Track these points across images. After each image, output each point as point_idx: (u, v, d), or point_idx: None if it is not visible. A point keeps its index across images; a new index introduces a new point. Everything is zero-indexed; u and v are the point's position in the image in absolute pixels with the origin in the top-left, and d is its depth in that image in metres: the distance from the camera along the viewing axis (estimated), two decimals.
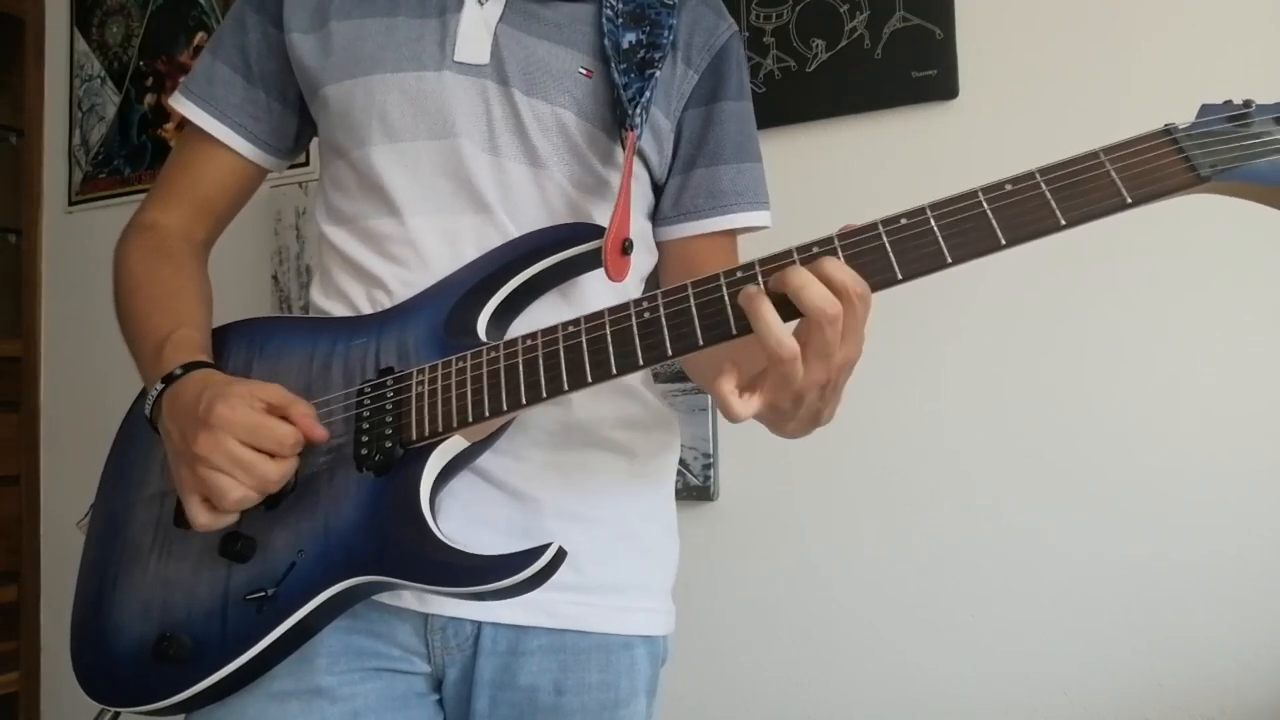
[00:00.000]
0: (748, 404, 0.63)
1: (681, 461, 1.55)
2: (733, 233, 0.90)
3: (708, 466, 1.55)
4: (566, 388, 0.68)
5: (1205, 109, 0.60)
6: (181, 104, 0.91)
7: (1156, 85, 1.33)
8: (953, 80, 1.43)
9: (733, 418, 0.63)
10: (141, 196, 0.96)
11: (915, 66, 1.45)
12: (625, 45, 0.83)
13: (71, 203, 2.22)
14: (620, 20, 0.84)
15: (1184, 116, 0.66)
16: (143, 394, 0.82)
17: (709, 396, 1.54)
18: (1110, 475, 1.33)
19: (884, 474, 1.46)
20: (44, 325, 2.26)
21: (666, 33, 0.84)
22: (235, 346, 0.85)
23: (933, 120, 1.45)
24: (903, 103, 1.46)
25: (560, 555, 0.66)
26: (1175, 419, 1.31)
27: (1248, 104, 0.59)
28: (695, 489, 1.56)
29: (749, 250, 0.93)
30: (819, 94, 1.51)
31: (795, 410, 0.64)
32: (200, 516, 0.70)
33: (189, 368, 0.76)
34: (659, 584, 0.89)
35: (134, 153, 2.14)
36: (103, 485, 0.85)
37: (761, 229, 0.91)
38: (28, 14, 2.29)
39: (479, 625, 0.80)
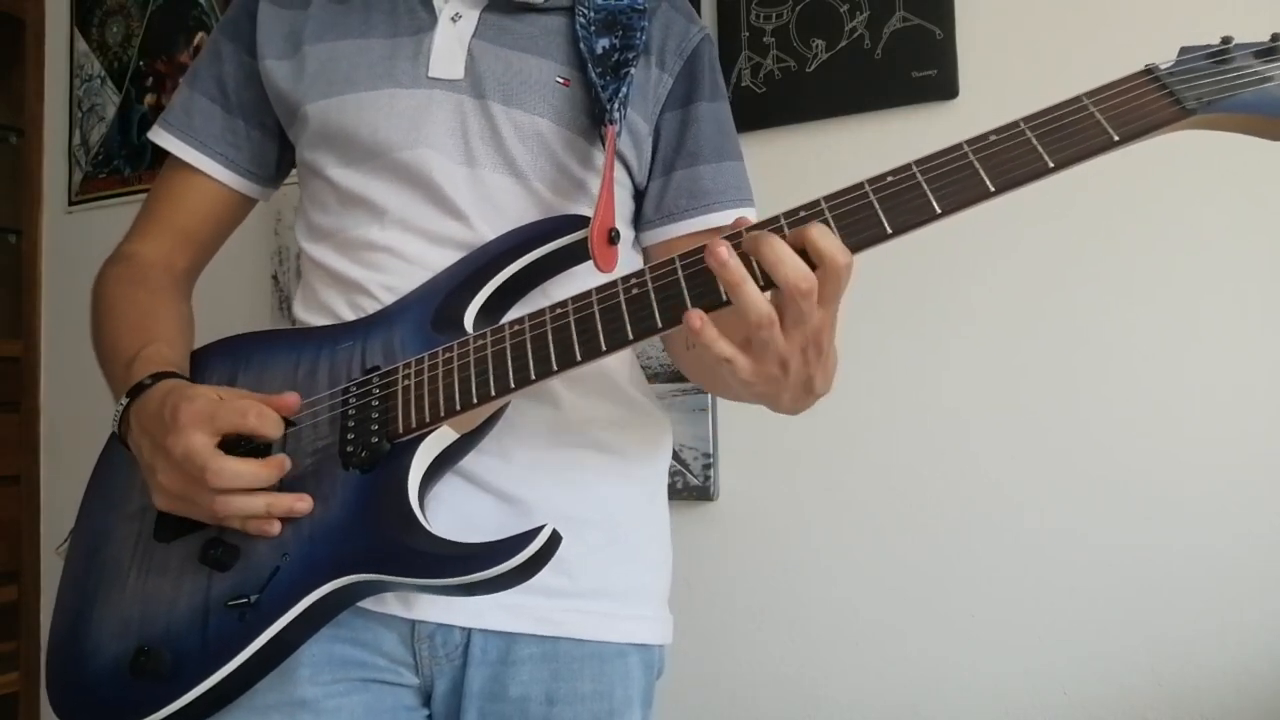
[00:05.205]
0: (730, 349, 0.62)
1: (681, 461, 1.55)
2: (717, 231, 0.90)
3: (708, 466, 1.55)
4: (555, 367, 0.66)
5: (1185, 50, 0.62)
6: (161, 137, 0.92)
7: None
8: (953, 80, 1.43)
9: (714, 352, 0.62)
10: (142, 197, 0.96)
11: (915, 66, 1.45)
12: (599, 51, 0.84)
13: (71, 203, 2.22)
14: (593, 28, 0.85)
15: None
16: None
17: (709, 396, 1.54)
18: (1111, 474, 1.33)
19: (883, 473, 1.46)
20: (44, 325, 2.26)
21: (639, 34, 0.85)
22: (219, 363, 0.84)
23: (933, 120, 1.45)
24: (903, 103, 1.46)
25: (555, 539, 0.64)
26: (1176, 418, 1.31)
27: (1226, 40, 0.61)
28: (695, 489, 1.56)
29: None
30: (819, 94, 1.51)
31: (785, 377, 0.63)
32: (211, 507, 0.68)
33: (156, 378, 0.74)
34: (653, 590, 0.87)
35: (134, 153, 2.14)
36: (81, 511, 0.82)
37: None
38: (28, 14, 2.29)
39: (468, 633, 0.78)
